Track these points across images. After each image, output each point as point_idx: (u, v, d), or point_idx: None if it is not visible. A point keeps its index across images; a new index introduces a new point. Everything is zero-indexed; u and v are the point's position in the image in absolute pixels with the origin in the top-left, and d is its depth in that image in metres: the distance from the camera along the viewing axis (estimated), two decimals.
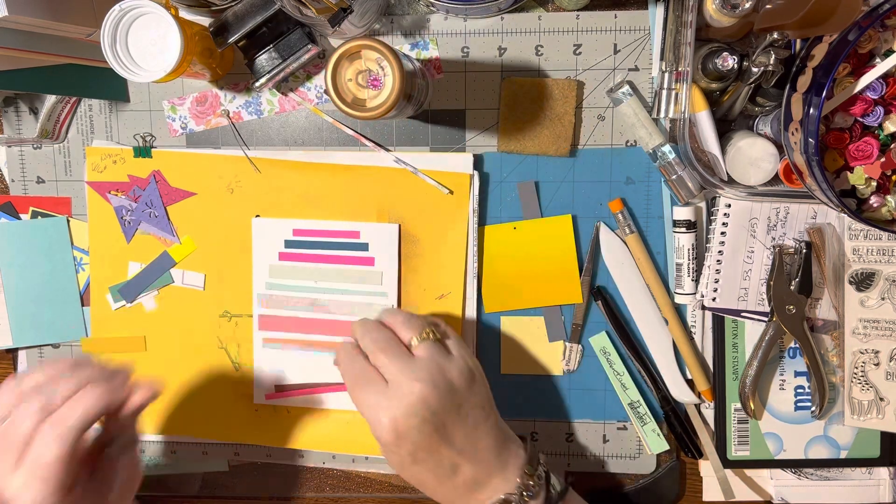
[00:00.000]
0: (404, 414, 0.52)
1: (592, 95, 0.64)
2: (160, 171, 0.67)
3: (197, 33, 0.58)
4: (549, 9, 0.64)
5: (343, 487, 0.71)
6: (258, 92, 0.67)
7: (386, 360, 0.54)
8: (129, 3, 0.55)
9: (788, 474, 0.68)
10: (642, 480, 0.69)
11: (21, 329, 0.70)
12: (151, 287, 0.69)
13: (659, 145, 0.62)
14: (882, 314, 0.64)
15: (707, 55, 0.58)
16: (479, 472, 0.55)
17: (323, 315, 0.67)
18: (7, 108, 0.67)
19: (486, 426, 0.56)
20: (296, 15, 0.56)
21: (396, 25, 0.65)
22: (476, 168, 0.65)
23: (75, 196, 0.69)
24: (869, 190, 0.53)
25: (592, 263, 0.66)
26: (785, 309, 0.63)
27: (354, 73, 0.52)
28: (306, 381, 0.69)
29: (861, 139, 0.52)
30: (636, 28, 0.63)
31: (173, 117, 0.67)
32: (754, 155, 0.59)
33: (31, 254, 0.69)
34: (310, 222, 0.67)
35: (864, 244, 0.63)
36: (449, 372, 0.54)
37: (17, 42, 0.54)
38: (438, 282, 0.66)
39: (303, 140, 0.67)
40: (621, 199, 0.65)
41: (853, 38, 0.48)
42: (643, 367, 0.66)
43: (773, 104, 0.59)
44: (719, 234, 0.64)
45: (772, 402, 0.66)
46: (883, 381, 0.64)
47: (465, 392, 0.55)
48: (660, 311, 0.66)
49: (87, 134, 0.68)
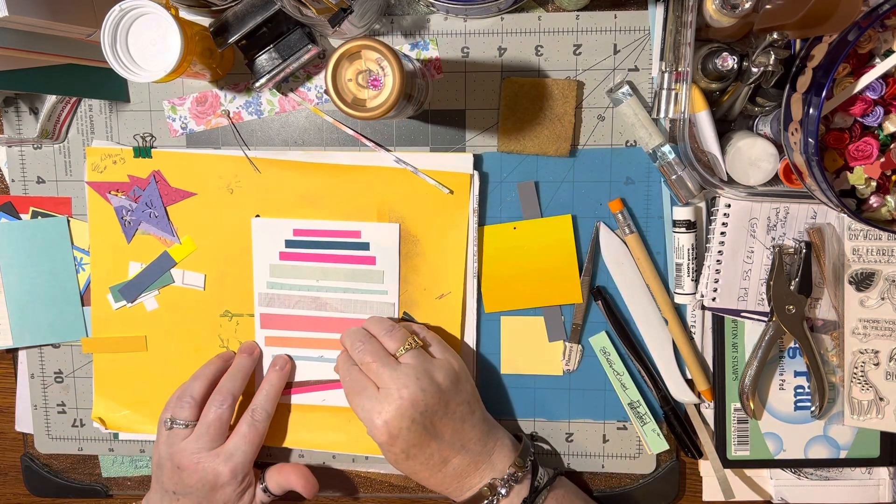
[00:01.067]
0: (396, 416, 0.57)
1: (592, 95, 0.64)
2: (160, 172, 0.67)
3: (197, 33, 0.58)
4: (549, 9, 0.64)
5: (343, 487, 0.72)
6: (258, 92, 0.67)
7: (374, 368, 0.60)
8: (130, 4, 0.55)
9: (788, 474, 0.68)
10: (642, 480, 0.69)
11: (21, 329, 0.70)
12: (152, 287, 0.69)
13: (659, 145, 0.62)
14: (882, 314, 0.64)
15: (707, 55, 0.58)
16: (467, 461, 0.60)
17: (325, 313, 0.68)
18: (7, 108, 0.67)
19: (473, 420, 0.61)
20: (296, 15, 0.56)
21: (396, 25, 0.65)
22: (476, 168, 0.65)
23: (75, 196, 0.69)
24: (869, 190, 0.53)
25: (592, 263, 0.66)
26: (785, 309, 0.63)
27: (354, 74, 0.52)
28: (307, 379, 0.69)
29: (861, 139, 0.53)
30: (636, 28, 0.63)
31: (173, 117, 0.67)
32: (754, 155, 0.59)
33: (31, 254, 0.69)
34: (310, 222, 0.67)
35: (864, 244, 0.63)
36: (435, 375, 0.59)
37: (17, 42, 0.54)
38: (438, 281, 0.66)
39: (303, 140, 0.67)
40: (621, 199, 0.65)
41: (853, 38, 0.48)
42: (643, 366, 0.66)
43: (773, 104, 0.59)
44: (719, 234, 0.64)
45: (772, 401, 0.66)
46: (883, 381, 0.64)
47: (450, 391, 0.60)
48: (660, 311, 0.66)
49: (87, 134, 0.68)
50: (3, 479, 0.75)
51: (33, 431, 0.72)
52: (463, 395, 0.61)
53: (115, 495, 0.73)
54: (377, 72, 0.52)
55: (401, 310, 0.67)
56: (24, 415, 0.73)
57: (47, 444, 0.72)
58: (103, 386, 0.70)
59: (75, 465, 0.73)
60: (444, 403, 0.59)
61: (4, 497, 0.75)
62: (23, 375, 0.72)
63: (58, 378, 0.71)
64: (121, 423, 0.70)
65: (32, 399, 0.72)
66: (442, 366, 0.60)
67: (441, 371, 0.60)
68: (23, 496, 0.74)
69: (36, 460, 0.73)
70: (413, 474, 0.61)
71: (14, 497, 0.75)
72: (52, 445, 0.72)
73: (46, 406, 0.72)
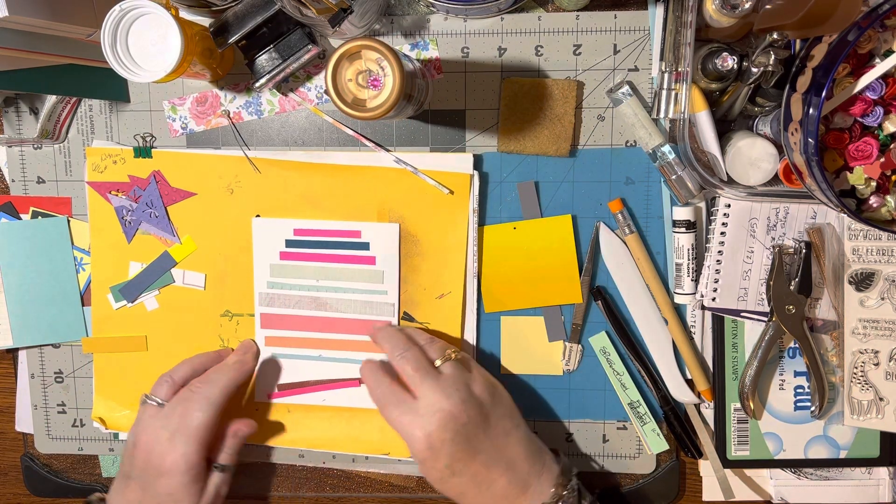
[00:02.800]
0: (438, 428, 0.55)
1: (592, 95, 0.64)
2: (160, 172, 0.67)
3: (197, 33, 0.58)
4: (549, 9, 0.64)
5: (343, 487, 0.72)
6: (258, 92, 0.67)
7: (417, 377, 0.57)
8: (130, 4, 0.55)
9: (788, 474, 0.68)
10: (642, 480, 0.69)
11: (21, 329, 0.70)
12: (152, 287, 0.69)
13: (659, 145, 0.62)
14: (882, 314, 0.64)
15: (707, 55, 0.58)
16: (515, 481, 0.57)
17: (325, 313, 0.68)
18: (7, 108, 0.67)
19: (517, 436, 0.58)
20: (296, 15, 0.56)
21: (396, 25, 0.65)
22: (476, 168, 0.65)
23: (76, 196, 0.69)
24: (868, 190, 0.53)
25: (592, 263, 0.66)
26: (784, 309, 0.63)
27: (354, 74, 0.52)
28: (308, 379, 0.69)
29: (861, 139, 0.53)
30: (636, 28, 0.63)
31: (173, 117, 0.67)
32: (754, 155, 0.59)
33: (31, 254, 0.69)
34: (311, 222, 0.67)
35: (864, 244, 0.63)
36: (474, 386, 0.58)
37: (17, 42, 0.54)
38: (438, 281, 0.66)
39: (303, 140, 0.67)
40: (621, 199, 0.65)
41: (853, 38, 0.48)
42: (643, 366, 0.66)
43: (773, 104, 0.59)
44: (719, 234, 0.64)
45: (771, 401, 0.66)
46: (882, 380, 0.64)
47: (489, 405, 0.58)
48: (659, 311, 0.66)
49: (87, 134, 0.68)
50: (3, 479, 0.75)
51: (33, 431, 0.72)
52: (502, 409, 0.59)
53: None
54: (377, 72, 0.52)
55: (401, 310, 0.67)
56: (25, 415, 0.73)
57: (47, 444, 0.72)
58: (103, 386, 0.70)
59: (75, 465, 0.73)
60: (485, 416, 0.57)
61: (4, 497, 0.75)
62: (23, 375, 0.72)
63: (58, 378, 0.71)
64: (121, 423, 0.70)
65: (32, 399, 0.72)
66: (479, 378, 0.59)
67: (479, 384, 0.59)
68: (23, 496, 0.74)
69: (36, 460, 0.73)
70: (459, 496, 0.58)
71: (14, 497, 0.75)
72: (52, 445, 0.72)
73: (46, 406, 0.72)
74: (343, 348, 0.68)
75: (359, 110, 0.52)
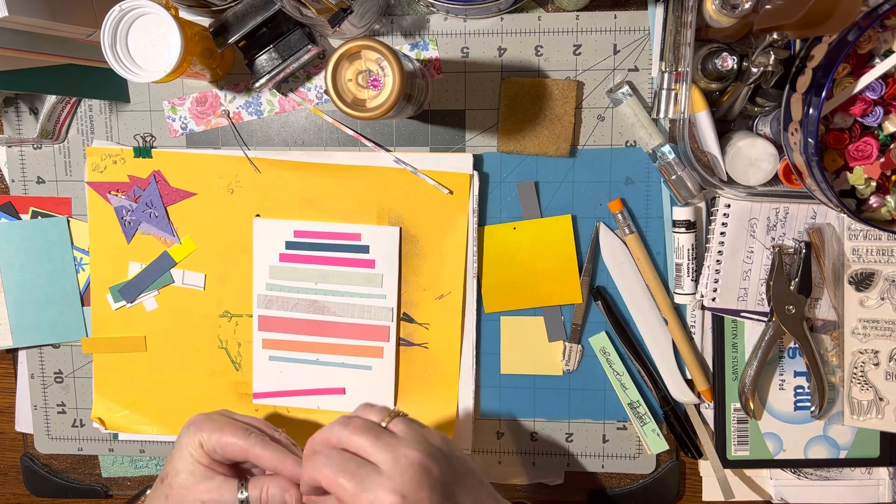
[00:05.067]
0: (411, 486, 0.46)
1: (592, 96, 0.64)
2: (160, 172, 0.67)
3: (197, 34, 0.58)
4: (548, 9, 0.64)
5: None
6: (258, 92, 0.67)
7: (368, 440, 0.48)
8: (130, 4, 0.55)
9: (788, 474, 0.68)
10: (642, 480, 0.69)
11: (21, 329, 0.70)
12: (152, 287, 0.69)
13: (658, 145, 0.62)
14: (881, 314, 0.64)
15: (707, 55, 0.58)
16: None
17: (323, 317, 0.67)
18: (7, 108, 0.67)
19: (488, 489, 0.52)
20: (296, 15, 0.56)
21: (396, 25, 0.65)
22: (476, 168, 0.65)
23: (75, 196, 0.69)
24: (868, 190, 0.53)
25: (592, 263, 0.66)
26: (784, 309, 0.63)
27: (354, 74, 0.52)
28: (306, 381, 0.69)
29: (860, 139, 0.53)
30: (636, 28, 0.63)
31: (173, 117, 0.67)
32: (754, 155, 0.59)
33: (31, 254, 0.69)
34: (311, 224, 0.67)
35: (864, 244, 0.63)
36: (432, 439, 0.50)
37: (17, 42, 0.54)
38: (438, 282, 0.66)
39: (303, 140, 0.67)
40: (621, 199, 0.65)
41: (853, 38, 0.48)
42: (643, 367, 0.66)
43: (773, 104, 0.59)
44: (719, 235, 0.64)
45: (771, 402, 0.66)
46: (882, 381, 0.64)
47: (451, 456, 0.51)
48: (659, 311, 0.66)
49: (87, 134, 0.68)
50: (3, 479, 0.75)
51: (33, 431, 0.72)
52: (465, 462, 0.51)
53: (115, 495, 0.73)
54: (377, 72, 0.52)
55: (400, 311, 0.67)
56: (24, 415, 0.73)
57: (47, 445, 0.72)
58: (103, 386, 0.70)
59: (75, 465, 0.73)
60: (452, 469, 0.49)
61: (4, 497, 0.75)
62: (23, 375, 0.72)
63: (58, 378, 0.71)
64: (120, 424, 0.70)
65: (32, 399, 0.72)
66: (433, 431, 0.51)
67: (436, 436, 0.51)
68: (23, 496, 0.74)
69: (36, 460, 0.73)
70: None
71: (14, 497, 0.75)
72: (52, 445, 0.72)
73: (46, 406, 0.72)
74: (340, 353, 0.68)
75: (359, 110, 0.52)
